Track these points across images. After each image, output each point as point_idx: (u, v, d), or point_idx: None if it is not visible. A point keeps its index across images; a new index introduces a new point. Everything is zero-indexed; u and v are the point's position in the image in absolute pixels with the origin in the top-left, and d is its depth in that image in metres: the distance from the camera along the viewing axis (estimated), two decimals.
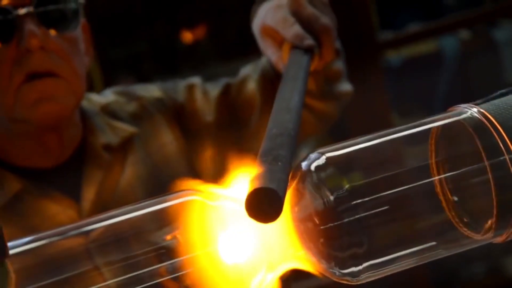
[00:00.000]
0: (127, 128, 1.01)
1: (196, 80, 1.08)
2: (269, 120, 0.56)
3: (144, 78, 3.28)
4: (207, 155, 1.03)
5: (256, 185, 0.42)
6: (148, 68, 3.44)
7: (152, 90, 1.07)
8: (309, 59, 0.81)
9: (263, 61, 1.02)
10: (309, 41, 0.83)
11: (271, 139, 0.50)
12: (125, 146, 0.99)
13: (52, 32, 0.89)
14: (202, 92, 1.06)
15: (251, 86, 1.03)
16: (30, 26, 0.86)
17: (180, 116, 1.05)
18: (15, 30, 0.87)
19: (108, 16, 3.06)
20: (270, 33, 0.89)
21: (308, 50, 0.83)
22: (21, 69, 0.88)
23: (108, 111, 1.03)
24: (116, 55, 3.26)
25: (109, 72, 2.70)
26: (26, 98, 0.88)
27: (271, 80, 0.99)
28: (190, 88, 1.06)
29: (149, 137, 1.02)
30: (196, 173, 1.02)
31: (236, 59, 3.09)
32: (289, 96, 0.63)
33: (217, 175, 0.48)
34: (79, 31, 0.94)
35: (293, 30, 0.84)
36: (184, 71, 3.31)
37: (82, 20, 0.95)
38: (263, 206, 0.42)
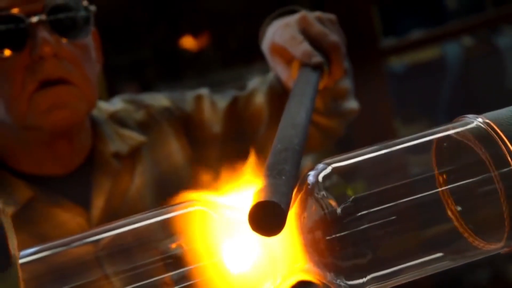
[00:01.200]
0: (135, 137, 1.01)
1: (204, 91, 1.08)
2: (275, 136, 0.56)
3: (148, 85, 3.28)
4: (213, 166, 1.03)
5: (259, 198, 0.42)
6: (152, 75, 3.45)
7: (160, 99, 1.08)
8: (318, 76, 0.82)
9: (271, 75, 1.03)
10: (317, 58, 0.84)
11: (275, 154, 0.51)
12: (134, 154, 1.00)
13: (64, 39, 0.90)
14: (210, 103, 1.06)
15: (259, 99, 1.03)
16: (43, 34, 0.87)
17: (187, 125, 1.05)
18: (28, 38, 0.87)
19: (111, 23, 3.07)
20: (279, 51, 0.90)
21: (317, 68, 0.84)
22: (34, 77, 0.88)
23: (116, 119, 1.03)
24: (119, 62, 3.27)
25: (112, 79, 2.71)
26: (39, 105, 0.89)
27: (279, 95, 0.99)
28: (198, 98, 1.07)
29: (156, 146, 1.03)
30: (201, 183, 1.02)
31: (239, 66, 3.09)
32: (295, 112, 0.63)
33: (222, 185, 0.49)
34: (90, 38, 0.94)
35: (301, 47, 0.85)
36: (187, 78, 3.31)
37: (92, 27, 0.96)
38: (266, 219, 0.42)
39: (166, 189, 0.99)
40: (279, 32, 0.90)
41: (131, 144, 1.00)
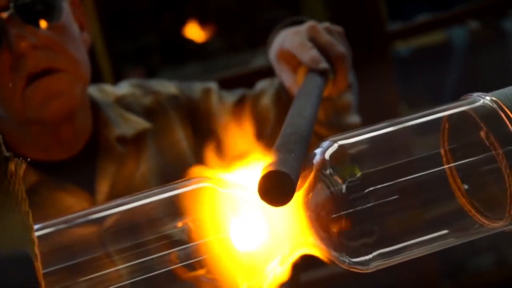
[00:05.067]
0: (141, 122, 1.01)
1: (212, 85, 1.09)
2: (284, 124, 0.57)
3: (153, 70, 3.28)
4: (216, 157, 1.03)
5: (269, 169, 0.42)
6: (157, 60, 3.44)
7: (168, 87, 1.07)
8: (324, 82, 0.84)
9: (277, 81, 1.03)
10: (324, 65, 0.86)
11: (285, 136, 0.52)
12: (139, 140, 0.99)
13: (39, 27, 0.87)
14: (218, 97, 1.07)
15: (267, 100, 1.05)
16: (15, 30, 0.85)
17: (193, 115, 1.06)
18: (2, 36, 0.85)
19: (117, 9, 3.06)
20: (287, 57, 0.91)
21: (323, 74, 0.85)
22: (20, 74, 0.86)
23: (123, 103, 1.02)
24: (125, 48, 3.27)
25: (118, 65, 2.70)
26: (33, 100, 0.87)
27: (284, 101, 1.00)
28: (207, 91, 1.07)
29: (162, 133, 1.02)
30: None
31: (243, 53, 3.08)
32: (303, 107, 0.65)
33: (227, 169, 0.49)
34: (65, 16, 0.91)
35: (310, 53, 0.87)
36: (192, 63, 3.31)
37: None
38: (275, 189, 0.42)
39: (171, 177, 0.99)
40: (289, 39, 0.91)
41: (136, 128, 1.00)
